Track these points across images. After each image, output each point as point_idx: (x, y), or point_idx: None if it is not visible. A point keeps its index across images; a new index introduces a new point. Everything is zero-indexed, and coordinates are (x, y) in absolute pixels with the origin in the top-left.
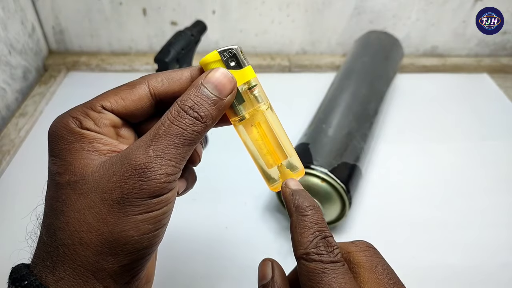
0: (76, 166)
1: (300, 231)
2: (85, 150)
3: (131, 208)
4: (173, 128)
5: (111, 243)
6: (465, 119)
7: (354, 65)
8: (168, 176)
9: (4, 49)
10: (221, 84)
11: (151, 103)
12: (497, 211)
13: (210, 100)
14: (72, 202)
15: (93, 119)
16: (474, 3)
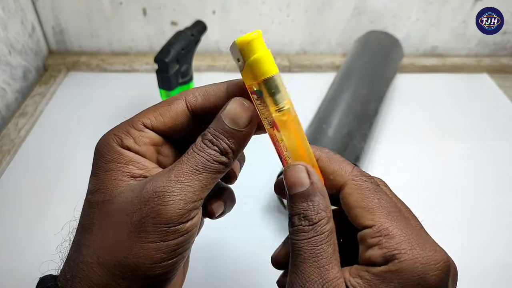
0: (108, 186)
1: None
2: (119, 171)
3: (146, 234)
4: (195, 157)
5: (123, 266)
6: (465, 119)
7: (354, 65)
8: (187, 203)
9: (4, 49)
10: (236, 116)
11: (189, 119)
12: (497, 211)
13: (227, 133)
14: (98, 222)
15: (133, 137)
16: (474, 3)
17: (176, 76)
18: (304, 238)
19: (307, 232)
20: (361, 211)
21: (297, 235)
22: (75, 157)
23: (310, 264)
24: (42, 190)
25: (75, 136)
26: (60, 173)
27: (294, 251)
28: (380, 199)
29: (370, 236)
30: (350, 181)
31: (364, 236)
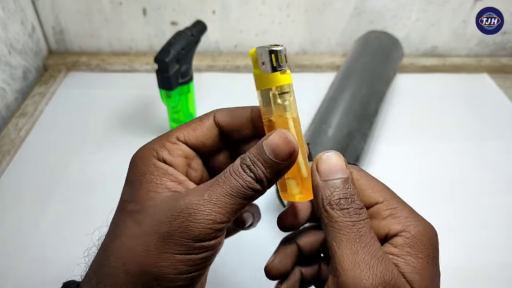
0: (142, 196)
1: None
2: (153, 183)
3: (173, 246)
4: (231, 180)
5: (148, 274)
6: (465, 119)
7: (354, 65)
8: (216, 223)
9: (4, 49)
10: (278, 148)
11: (217, 134)
12: (497, 211)
13: (266, 163)
14: (128, 229)
15: (168, 150)
16: (474, 3)
17: (176, 76)
18: (358, 219)
19: (359, 215)
20: (370, 191)
21: (341, 212)
22: (75, 157)
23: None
24: (42, 190)
25: (75, 136)
26: (60, 173)
27: (340, 235)
28: (379, 182)
29: (383, 209)
30: (355, 170)
31: (377, 210)
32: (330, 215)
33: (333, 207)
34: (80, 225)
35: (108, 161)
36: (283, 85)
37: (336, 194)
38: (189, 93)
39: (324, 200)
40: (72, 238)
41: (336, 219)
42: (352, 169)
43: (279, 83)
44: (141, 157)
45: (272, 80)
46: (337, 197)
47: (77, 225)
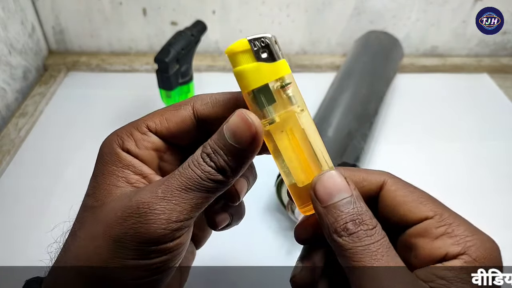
0: (102, 191)
1: None
2: (115, 175)
3: (124, 251)
4: (188, 172)
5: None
6: (465, 119)
7: (354, 65)
8: (171, 223)
9: (4, 49)
10: (239, 131)
11: (194, 126)
12: (497, 211)
13: (226, 149)
14: (86, 228)
15: (135, 140)
16: (474, 3)
17: (176, 76)
18: (370, 242)
19: (371, 236)
20: (414, 204)
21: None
22: (75, 157)
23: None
24: (41, 190)
25: (75, 136)
26: (60, 173)
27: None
28: (423, 192)
29: (434, 227)
30: (389, 179)
31: (427, 228)
32: (338, 244)
33: (341, 235)
34: None
35: None
36: (285, 75)
37: (341, 219)
38: (189, 93)
39: (329, 229)
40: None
41: (345, 247)
42: (387, 179)
43: (282, 73)
44: (106, 146)
45: (273, 72)
46: (343, 222)
47: None
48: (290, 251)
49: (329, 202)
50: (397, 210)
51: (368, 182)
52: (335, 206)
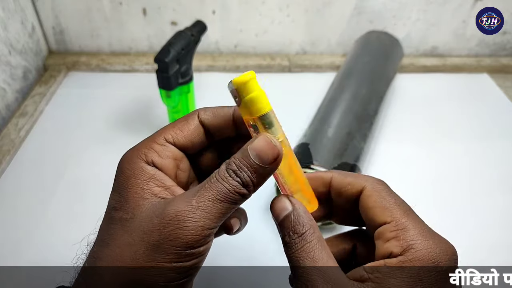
0: (130, 203)
1: None
2: (140, 187)
3: (163, 255)
4: (218, 185)
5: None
6: (465, 119)
7: (354, 65)
8: (205, 229)
9: (4, 49)
10: (263, 153)
11: (203, 134)
12: (497, 211)
13: (251, 167)
14: (118, 237)
15: (157, 152)
16: (474, 3)
17: (176, 76)
18: (297, 248)
19: (298, 242)
20: (380, 209)
21: (292, 248)
22: (75, 157)
23: (310, 270)
24: (41, 190)
25: (75, 136)
26: (60, 173)
27: (294, 264)
28: (395, 199)
29: (389, 230)
30: (368, 186)
31: (383, 231)
32: (287, 246)
33: (286, 244)
34: (79, 226)
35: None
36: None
37: (285, 230)
38: (189, 93)
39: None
40: (72, 238)
41: (291, 249)
42: (367, 185)
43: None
44: (128, 161)
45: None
46: (285, 232)
47: (77, 225)
48: None
49: (278, 219)
50: (367, 213)
51: (351, 186)
52: (281, 222)
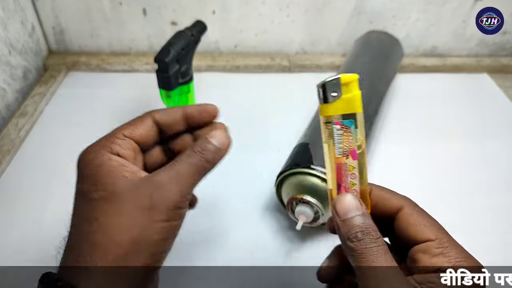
0: (107, 184)
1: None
2: (112, 173)
3: (158, 214)
4: (191, 160)
5: (139, 242)
6: (465, 119)
7: (354, 65)
8: (186, 194)
9: (4, 49)
10: (222, 140)
11: (157, 131)
12: (497, 211)
13: (212, 149)
14: (105, 210)
15: (119, 145)
16: (474, 3)
17: (176, 76)
18: (373, 246)
19: (374, 243)
20: (422, 228)
21: (360, 248)
22: (75, 157)
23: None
24: (41, 190)
25: (75, 136)
26: (60, 173)
27: (362, 264)
28: (433, 219)
29: (434, 247)
30: (407, 205)
31: (427, 248)
32: (349, 247)
33: (352, 241)
34: None
35: None
36: None
37: (353, 229)
38: (189, 93)
39: (344, 236)
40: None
41: (356, 248)
42: (405, 204)
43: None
44: (94, 154)
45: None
46: (354, 231)
47: None
48: (290, 251)
49: (345, 216)
50: (409, 230)
51: (390, 202)
52: (349, 220)
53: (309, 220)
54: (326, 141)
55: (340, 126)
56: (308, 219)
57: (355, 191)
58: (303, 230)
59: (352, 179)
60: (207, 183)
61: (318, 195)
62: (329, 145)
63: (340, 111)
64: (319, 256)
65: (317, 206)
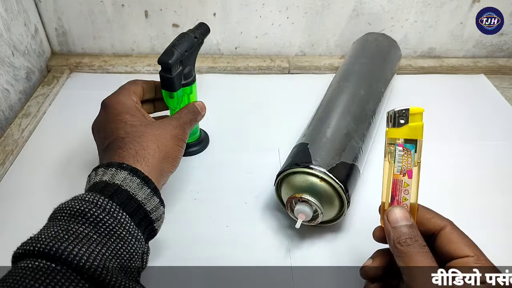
0: (142, 117)
1: None
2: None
3: (181, 141)
4: (187, 116)
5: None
6: (462, 119)
7: (353, 66)
8: (187, 135)
9: (7, 50)
10: (201, 107)
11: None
12: (494, 211)
13: (194, 113)
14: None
15: (135, 98)
16: (472, 5)
17: (179, 77)
18: (421, 251)
19: (421, 249)
20: (462, 245)
21: (407, 252)
22: (77, 158)
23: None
24: (44, 190)
25: (77, 136)
26: (62, 173)
27: (409, 265)
28: (470, 238)
29: (473, 262)
30: (449, 225)
31: (466, 262)
32: (400, 250)
33: (402, 245)
34: None
35: None
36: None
37: (403, 235)
38: (191, 94)
39: (394, 240)
40: None
41: (405, 251)
42: (448, 224)
43: None
44: (122, 100)
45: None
46: (404, 237)
47: None
48: (290, 250)
49: (396, 224)
50: (450, 246)
51: (434, 221)
52: (399, 227)
53: (308, 218)
54: (387, 159)
55: (402, 148)
56: (307, 217)
57: (406, 205)
58: (302, 229)
59: (405, 195)
60: (207, 183)
61: (317, 194)
62: (389, 163)
63: (404, 135)
64: (318, 255)
65: (316, 205)
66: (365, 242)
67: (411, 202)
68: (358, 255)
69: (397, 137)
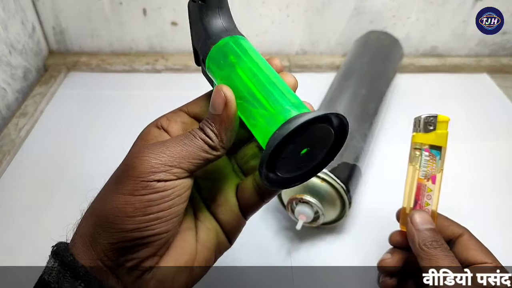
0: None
1: None
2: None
3: (120, 186)
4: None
5: (103, 217)
6: (464, 119)
7: (354, 65)
8: (162, 164)
9: (4, 49)
10: (213, 102)
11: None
12: (497, 211)
13: (210, 119)
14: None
15: (167, 117)
16: (474, 3)
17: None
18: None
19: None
20: (480, 252)
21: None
22: (75, 157)
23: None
24: (42, 190)
25: (75, 136)
26: (60, 173)
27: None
28: (485, 246)
29: (489, 269)
30: (467, 232)
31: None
32: (426, 252)
33: (428, 247)
34: None
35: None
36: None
37: (428, 238)
38: None
39: (420, 242)
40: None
41: (432, 253)
42: (465, 232)
43: None
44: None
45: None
46: (429, 240)
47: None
48: (290, 250)
49: (421, 227)
50: (468, 252)
51: (452, 228)
52: (424, 230)
53: (309, 220)
54: (412, 163)
55: (429, 153)
56: (308, 219)
57: (427, 210)
58: (303, 230)
59: (428, 200)
60: None
61: (318, 195)
62: (414, 167)
63: (431, 141)
64: (319, 256)
65: (317, 206)
66: (366, 242)
67: (432, 209)
68: (359, 255)
69: (424, 142)
